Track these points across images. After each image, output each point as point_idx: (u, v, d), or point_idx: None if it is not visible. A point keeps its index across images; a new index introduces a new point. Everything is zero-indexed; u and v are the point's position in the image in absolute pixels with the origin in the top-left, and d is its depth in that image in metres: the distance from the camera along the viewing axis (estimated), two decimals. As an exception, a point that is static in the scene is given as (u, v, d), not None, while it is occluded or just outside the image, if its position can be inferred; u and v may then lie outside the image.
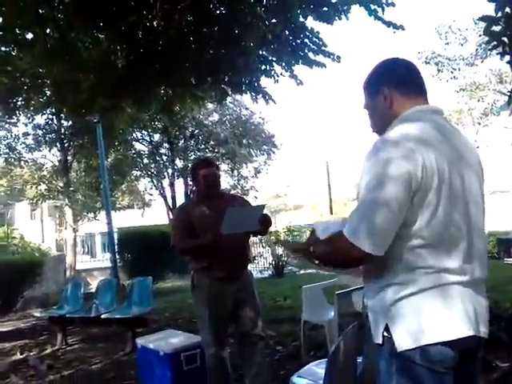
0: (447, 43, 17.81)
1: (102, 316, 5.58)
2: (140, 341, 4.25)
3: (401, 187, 1.37)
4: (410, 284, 1.42)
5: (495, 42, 4.41)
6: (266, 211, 3.33)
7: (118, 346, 5.58)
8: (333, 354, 1.82)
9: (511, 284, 3.31)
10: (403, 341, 1.40)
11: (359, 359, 2.17)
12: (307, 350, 4.18)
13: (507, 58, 4.44)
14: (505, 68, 16.55)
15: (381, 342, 1.46)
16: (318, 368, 2.51)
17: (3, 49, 5.58)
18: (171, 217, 18.93)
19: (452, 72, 17.82)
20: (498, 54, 4.63)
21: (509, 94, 4.92)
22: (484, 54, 16.40)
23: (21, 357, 5.76)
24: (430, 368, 1.39)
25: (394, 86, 1.60)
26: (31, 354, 5.86)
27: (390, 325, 1.44)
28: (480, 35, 15.57)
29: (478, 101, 18.92)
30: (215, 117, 19.13)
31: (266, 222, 3.24)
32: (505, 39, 4.28)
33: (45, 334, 6.91)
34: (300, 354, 4.22)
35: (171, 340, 4.11)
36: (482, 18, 4.44)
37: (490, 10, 4.33)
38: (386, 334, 1.44)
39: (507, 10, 4.18)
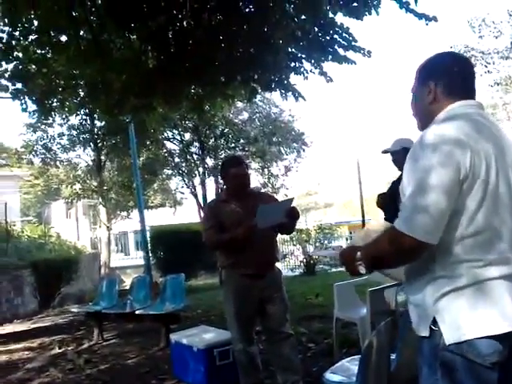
0: (481, 36, 17.36)
1: (137, 312, 5.69)
2: (174, 336, 4.33)
3: (450, 176, 1.39)
4: (458, 277, 1.42)
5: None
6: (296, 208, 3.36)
7: (152, 341, 5.68)
8: (366, 351, 1.82)
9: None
10: (451, 334, 1.41)
11: (392, 356, 2.17)
12: (340, 347, 4.16)
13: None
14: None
15: (427, 334, 1.46)
16: (351, 364, 2.50)
17: (39, 51, 5.75)
18: (202, 215, 19.11)
19: (486, 66, 17.36)
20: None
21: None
22: (520, 47, 15.96)
23: (59, 351, 5.93)
24: (477, 362, 1.39)
25: (441, 84, 1.61)
26: (69, 348, 6.03)
27: (437, 318, 1.44)
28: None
29: (513, 96, 18.41)
30: (245, 115, 19.20)
31: (292, 213, 3.26)
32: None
33: (82, 329, 7.11)
34: (332, 351, 4.20)
35: (204, 336, 4.17)
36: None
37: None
38: (433, 327, 1.44)
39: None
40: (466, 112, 1.54)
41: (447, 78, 1.61)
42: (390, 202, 3.61)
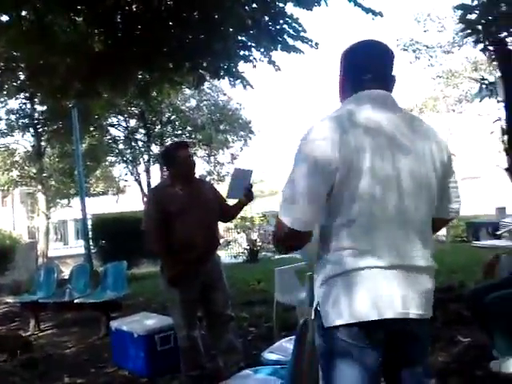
0: (425, 31, 18.02)
1: (76, 300, 5.56)
2: (114, 323, 4.27)
3: (309, 169, 1.45)
4: (336, 264, 1.49)
5: (470, 30, 4.51)
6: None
7: (92, 330, 5.56)
8: (301, 327, 1.88)
9: (477, 265, 3.46)
10: (326, 318, 1.50)
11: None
12: (279, 330, 4.24)
13: (481, 45, 4.54)
14: (480, 56, 16.83)
15: (313, 316, 1.58)
16: (289, 344, 2.56)
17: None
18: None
19: (429, 59, 18.05)
20: (473, 41, 4.73)
21: (480, 81, 5.03)
22: (461, 42, 16.63)
23: (-7, 342, 5.69)
24: (349, 343, 1.48)
25: (348, 73, 1.66)
26: (3, 339, 5.79)
27: (320, 302, 1.53)
28: (457, 23, 15.81)
29: (454, 88, 19.21)
30: (192, 102, 19.06)
31: (249, 193, 3.33)
32: (479, 27, 4.38)
33: (17, 321, 6.83)
34: (272, 334, 4.29)
35: (145, 322, 4.14)
36: (459, 7, 4.52)
37: (465, -1, 4.42)
38: (318, 308, 1.53)
39: (483, -1, 4.26)
40: (348, 107, 1.57)
41: (352, 68, 1.66)
42: None
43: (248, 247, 12.61)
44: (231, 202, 3.61)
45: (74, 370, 4.25)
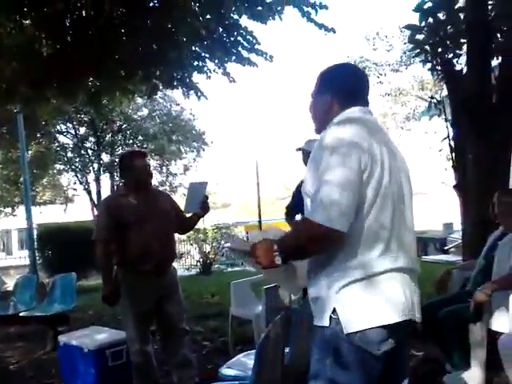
0: (375, 49, 18.57)
1: (21, 314, 5.32)
2: (62, 338, 4.10)
3: (348, 174, 1.49)
4: (354, 270, 1.53)
5: (418, 50, 4.70)
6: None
7: (37, 345, 5.30)
8: (262, 342, 1.87)
9: (428, 280, 3.57)
10: (347, 324, 1.51)
11: (286, 350, 2.26)
12: (235, 344, 4.22)
13: (429, 65, 4.73)
14: (426, 75, 17.52)
15: (327, 324, 1.55)
16: (247, 359, 2.56)
17: None
18: (96, 213, 18.35)
19: (378, 77, 18.59)
20: (420, 61, 4.93)
21: (429, 99, 5.25)
22: (408, 62, 17.27)
23: None
24: (367, 351, 1.51)
25: (337, 95, 1.74)
26: None
27: (337, 308, 1.53)
28: (405, 43, 16.41)
29: (402, 106, 19.88)
30: (144, 111, 18.77)
31: (205, 205, 3.30)
32: (427, 47, 4.57)
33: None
34: (228, 348, 4.26)
35: (96, 336, 4.01)
36: (407, 27, 4.71)
37: (415, 19, 4.60)
38: (333, 316, 1.54)
39: (430, 20, 4.46)
40: (358, 116, 1.67)
41: (342, 91, 1.75)
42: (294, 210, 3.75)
43: (201, 259, 12.51)
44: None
45: (19, 388, 4.05)
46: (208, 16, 5.41)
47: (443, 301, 3.26)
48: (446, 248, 9.91)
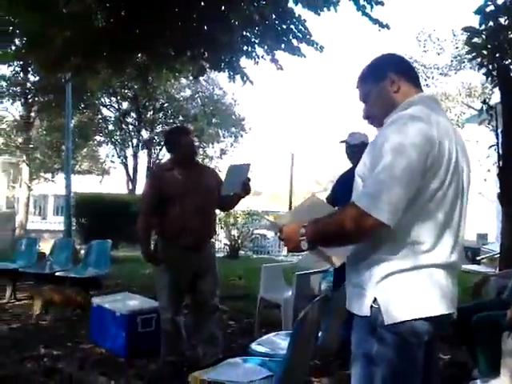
0: (425, 51, 18.16)
1: (57, 274, 5.54)
2: (96, 300, 4.27)
3: (418, 161, 1.44)
4: (402, 260, 1.50)
5: (475, 53, 4.60)
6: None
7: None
8: (300, 321, 1.91)
9: (459, 286, 3.57)
10: (390, 314, 1.49)
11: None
12: (260, 326, 4.30)
13: (483, 70, 4.64)
14: (475, 82, 17.09)
15: (368, 313, 1.52)
16: (277, 338, 2.63)
17: (-23, -8, 5.36)
18: (130, 187, 18.71)
19: (426, 80, 18.22)
20: (477, 65, 4.83)
21: (482, 104, 5.12)
22: (458, 66, 16.87)
23: (-33, 306, 5.65)
24: (410, 341, 1.51)
25: (401, 73, 1.67)
26: (-23, 304, 5.76)
27: (378, 298, 1.51)
28: (457, 47, 16.00)
29: (446, 111, 19.45)
30: (187, 92, 18.97)
31: (246, 187, 3.15)
32: (484, 52, 4.48)
33: (-8, 287, 6.77)
34: (252, 329, 4.34)
35: (128, 302, 4.16)
36: (466, 29, 4.61)
37: (472, 22, 4.52)
38: (374, 305, 1.51)
39: (491, 23, 4.35)
40: (429, 104, 1.62)
41: (404, 67, 1.72)
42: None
43: (229, 243, 12.64)
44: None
45: (50, 342, 4.22)
46: (263, 1, 5.43)
47: (477, 306, 3.23)
48: (478, 258, 9.72)
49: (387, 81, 1.67)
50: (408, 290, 1.50)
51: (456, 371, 3.40)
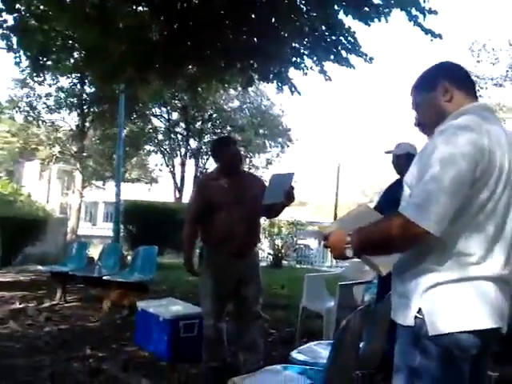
0: (478, 61, 17.68)
1: (104, 277, 5.71)
2: (141, 304, 4.37)
3: (467, 171, 1.41)
4: (449, 271, 1.47)
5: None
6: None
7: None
8: (340, 332, 1.90)
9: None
10: (435, 325, 1.45)
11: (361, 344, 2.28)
12: (301, 335, 4.27)
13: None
14: (531, 93, 16.48)
15: (412, 323, 1.50)
16: (318, 347, 2.61)
17: (42, 7, 5.65)
18: (177, 196, 19.08)
19: (479, 90, 17.71)
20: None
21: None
22: (514, 77, 16.34)
23: (20, 306, 5.90)
24: (454, 354, 1.46)
25: (454, 82, 1.65)
26: (30, 305, 6.00)
27: (423, 308, 1.48)
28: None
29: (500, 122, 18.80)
30: (235, 103, 19.23)
31: (290, 195, 3.10)
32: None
33: (44, 289, 7.05)
34: (293, 339, 4.32)
35: (171, 307, 4.24)
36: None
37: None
38: (418, 315, 1.48)
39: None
40: (481, 114, 1.57)
41: (457, 76, 1.68)
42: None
43: (272, 252, 12.65)
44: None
45: (96, 344, 4.36)
46: (312, 14, 5.45)
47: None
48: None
49: (440, 90, 1.65)
50: (454, 301, 1.46)
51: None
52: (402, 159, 3.42)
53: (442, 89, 1.64)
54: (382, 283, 3.31)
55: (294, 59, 6.18)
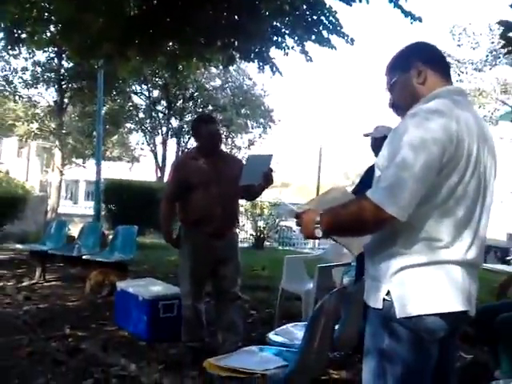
0: (459, 45, 17.74)
1: (84, 257, 5.68)
2: (120, 284, 4.37)
3: (435, 157, 1.41)
4: (417, 254, 1.48)
5: (510, 48, 4.47)
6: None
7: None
8: (314, 315, 1.92)
9: (483, 287, 3.47)
10: (403, 308, 1.47)
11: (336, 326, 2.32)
12: (281, 317, 4.32)
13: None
14: (510, 78, 16.61)
15: (380, 306, 1.52)
16: (294, 329, 2.65)
17: (16, -23, 5.47)
18: (159, 175, 18.96)
19: (459, 75, 17.78)
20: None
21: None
22: (493, 62, 16.44)
23: (-2, 285, 5.85)
24: (422, 336, 1.49)
25: (428, 63, 1.62)
26: (8, 283, 5.95)
27: (391, 291, 1.49)
28: (492, 42, 15.58)
29: (480, 107, 18.98)
30: (217, 82, 19.04)
31: (268, 177, 3.07)
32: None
33: (23, 268, 6.98)
34: (272, 320, 4.37)
35: (151, 287, 4.24)
36: (501, 23, 4.48)
37: (508, 16, 4.37)
38: (387, 298, 1.50)
39: (527, 17, 4.22)
40: (453, 98, 1.56)
41: (431, 57, 1.66)
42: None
43: (254, 234, 12.68)
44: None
45: (76, 323, 4.35)
46: (294, -9, 5.37)
47: (502, 306, 3.17)
48: (507, 258, 9.54)
49: (413, 71, 1.63)
50: (422, 284, 1.48)
51: (478, 371, 3.36)
52: (379, 142, 3.42)
53: (416, 70, 1.63)
54: (360, 266, 3.35)
55: (274, 38, 6.10)
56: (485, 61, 17.29)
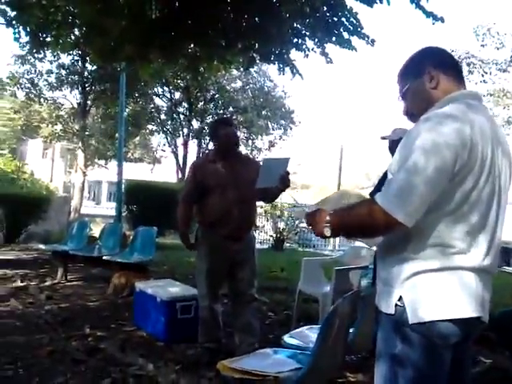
0: (483, 45, 17.38)
1: (104, 257, 5.75)
2: (139, 285, 4.41)
3: (447, 161, 1.39)
4: (430, 260, 1.47)
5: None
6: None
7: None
8: (329, 317, 1.92)
9: (505, 290, 3.40)
10: (415, 314, 1.46)
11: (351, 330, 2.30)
12: (298, 319, 4.31)
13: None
14: (536, 79, 16.26)
15: (392, 311, 1.51)
16: (310, 332, 2.64)
17: (41, -18, 5.58)
18: (180, 176, 19.10)
19: (483, 75, 17.46)
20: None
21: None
22: (518, 62, 16.11)
23: (21, 284, 5.97)
24: (434, 342, 1.47)
25: (440, 68, 1.61)
26: (31, 283, 6.07)
27: (404, 296, 1.48)
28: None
29: (504, 108, 18.62)
30: (238, 84, 19.10)
31: (285, 180, 3.00)
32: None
33: (45, 267, 7.13)
34: (290, 322, 4.36)
35: (169, 289, 4.27)
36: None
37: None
38: (399, 303, 1.49)
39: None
40: (468, 102, 1.54)
41: (443, 62, 1.64)
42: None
43: (274, 235, 12.66)
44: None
45: (95, 323, 4.41)
46: (314, -7, 5.36)
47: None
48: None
49: (425, 76, 1.61)
50: (435, 290, 1.46)
51: (497, 376, 3.30)
52: (397, 144, 3.38)
53: (428, 75, 1.61)
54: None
55: (295, 40, 6.09)
56: (509, 61, 16.93)
